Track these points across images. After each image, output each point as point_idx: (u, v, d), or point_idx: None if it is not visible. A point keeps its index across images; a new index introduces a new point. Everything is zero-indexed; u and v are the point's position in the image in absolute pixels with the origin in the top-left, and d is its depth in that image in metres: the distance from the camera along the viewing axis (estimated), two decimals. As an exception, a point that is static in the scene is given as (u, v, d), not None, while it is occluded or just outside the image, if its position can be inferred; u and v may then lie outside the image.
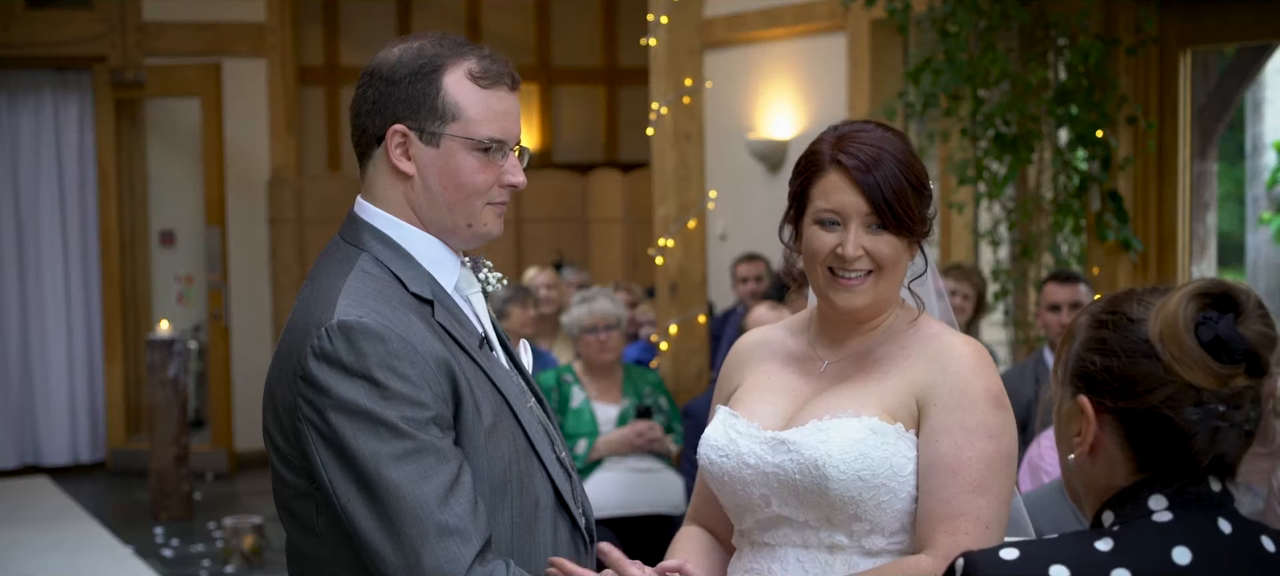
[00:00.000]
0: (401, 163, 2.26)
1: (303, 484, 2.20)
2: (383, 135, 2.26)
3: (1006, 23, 6.33)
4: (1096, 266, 6.45)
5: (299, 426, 2.16)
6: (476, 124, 2.26)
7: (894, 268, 2.37)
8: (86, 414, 10.50)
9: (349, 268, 2.24)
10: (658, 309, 7.17)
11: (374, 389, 2.10)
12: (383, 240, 2.27)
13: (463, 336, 2.25)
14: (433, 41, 2.28)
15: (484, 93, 2.26)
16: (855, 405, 2.33)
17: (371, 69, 2.28)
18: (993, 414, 2.29)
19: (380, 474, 2.09)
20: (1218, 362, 1.64)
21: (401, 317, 2.17)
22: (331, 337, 2.13)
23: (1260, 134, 12.58)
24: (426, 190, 2.27)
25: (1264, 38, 6.81)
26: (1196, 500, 1.68)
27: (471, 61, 2.26)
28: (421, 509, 2.09)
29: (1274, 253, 12.78)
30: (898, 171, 2.34)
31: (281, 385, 2.20)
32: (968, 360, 2.32)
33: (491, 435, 2.21)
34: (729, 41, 9.27)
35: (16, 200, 10.29)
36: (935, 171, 8.07)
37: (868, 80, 8.29)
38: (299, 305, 2.26)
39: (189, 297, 11.10)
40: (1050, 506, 3.48)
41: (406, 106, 2.24)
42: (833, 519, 2.31)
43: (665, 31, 6.76)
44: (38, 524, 8.85)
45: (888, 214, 2.33)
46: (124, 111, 10.60)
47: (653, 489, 5.92)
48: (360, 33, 11.76)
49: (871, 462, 2.28)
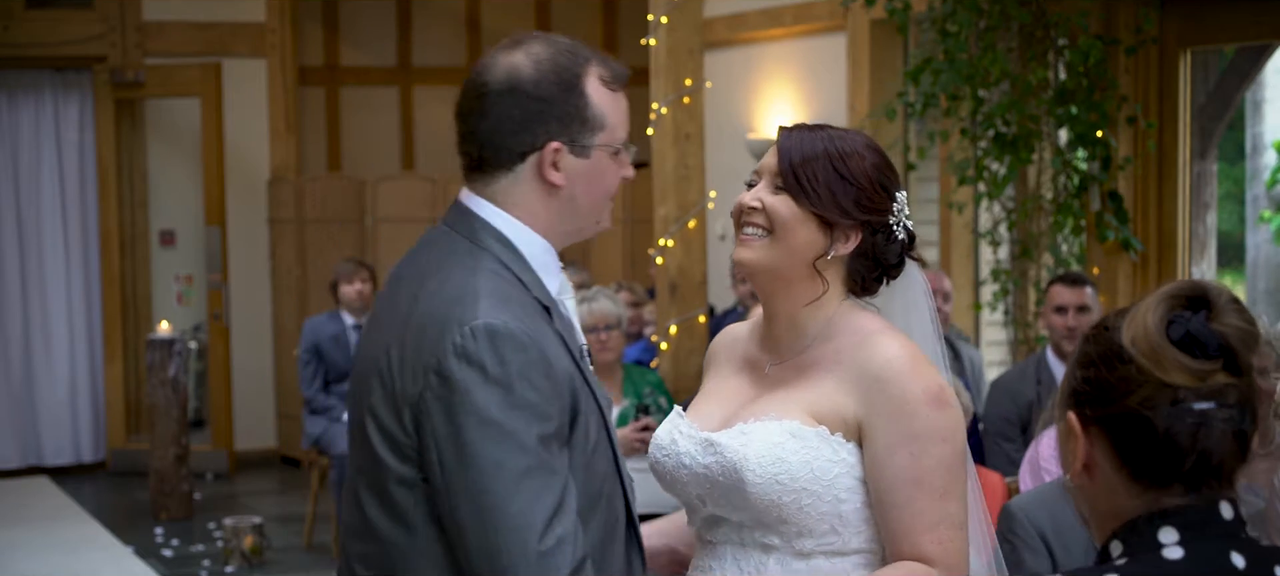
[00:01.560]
0: (553, 176, 2.25)
1: (408, 472, 2.18)
2: (530, 151, 2.25)
3: (1006, 23, 6.33)
4: (1096, 266, 6.45)
5: (422, 419, 2.14)
6: (616, 129, 2.29)
7: (787, 233, 2.33)
8: (87, 414, 10.50)
9: (476, 265, 2.22)
10: (658, 309, 7.17)
11: (508, 397, 2.10)
12: (502, 242, 2.26)
13: (573, 346, 2.26)
14: (559, 51, 2.27)
15: (616, 96, 2.30)
16: (780, 409, 2.32)
17: (507, 84, 2.24)
18: (938, 415, 2.25)
19: (496, 486, 2.09)
20: (1191, 359, 1.62)
21: (538, 327, 2.17)
22: (476, 338, 2.11)
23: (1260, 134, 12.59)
24: (572, 199, 2.28)
25: (1264, 38, 6.82)
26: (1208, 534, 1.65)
27: (599, 67, 2.28)
28: (528, 532, 2.09)
29: (1274, 252, 12.78)
30: (822, 145, 2.34)
31: (406, 374, 2.16)
32: (900, 365, 2.27)
33: (595, 452, 2.24)
34: (729, 41, 9.27)
35: (17, 200, 10.29)
36: (935, 171, 8.07)
37: (868, 80, 8.29)
38: (423, 296, 2.21)
39: (189, 298, 11.10)
40: (1051, 504, 3.48)
41: (560, 123, 2.24)
42: (762, 519, 2.32)
43: (665, 31, 6.76)
44: (38, 524, 8.85)
45: (789, 174, 2.33)
46: (124, 111, 10.60)
47: (652, 488, 5.91)
48: (360, 33, 11.76)
49: (789, 466, 2.27)
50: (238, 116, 10.47)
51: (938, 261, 8.23)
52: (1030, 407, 5.73)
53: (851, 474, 2.30)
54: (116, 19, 10.18)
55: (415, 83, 11.90)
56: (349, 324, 8.24)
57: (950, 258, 8.12)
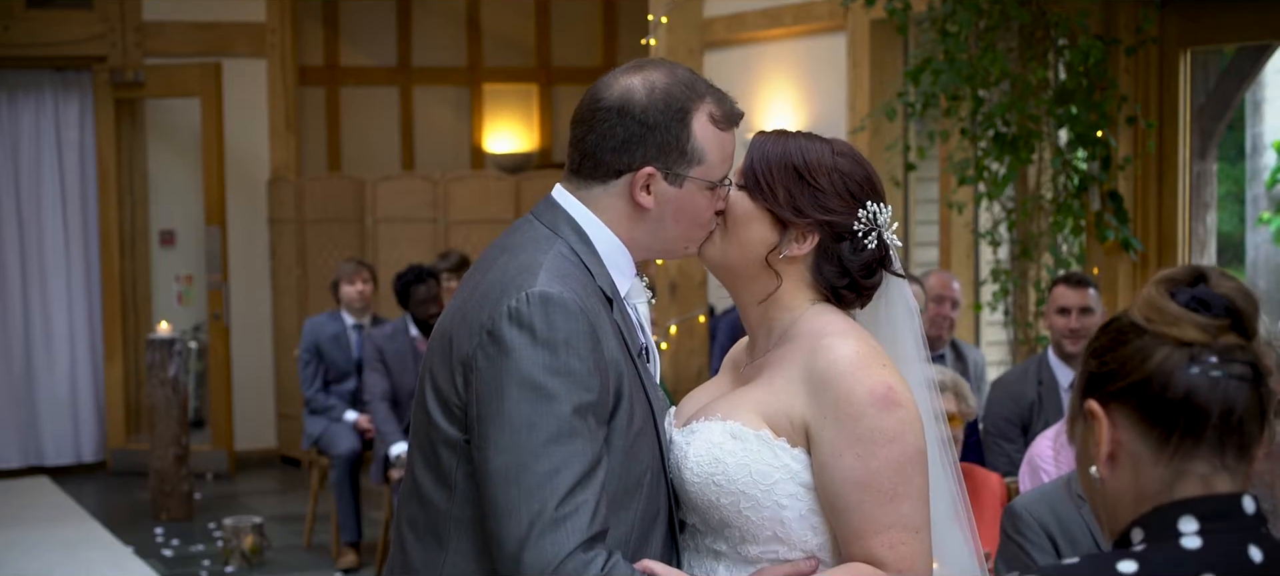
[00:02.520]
0: (643, 198, 2.35)
1: (454, 433, 2.27)
2: (625, 171, 2.34)
3: (1006, 23, 6.33)
4: (1096, 266, 6.45)
5: (470, 376, 2.23)
6: (715, 166, 2.36)
7: (738, 228, 2.37)
8: (87, 414, 10.51)
9: (548, 247, 2.31)
10: (658, 309, 7.17)
11: (553, 359, 2.18)
12: (578, 234, 2.36)
13: (631, 341, 2.34)
14: (677, 82, 2.36)
15: (723, 135, 2.37)
16: (731, 408, 2.32)
17: (619, 104, 2.34)
18: (885, 416, 2.21)
19: (525, 444, 2.16)
20: (1201, 315, 1.66)
21: (594, 305, 2.26)
22: (531, 303, 2.20)
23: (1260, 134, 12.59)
24: (659, 222, 2.37)
25: (1264, 38, 6.81)
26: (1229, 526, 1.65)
27: (712, 105, 2.37)
28: (547, 492, 2.14)
29: (1274, 252, 12.78)
30: (786, 149, 2.37)
31: (463, 335, 2.26)
32: (846, 365, 2.25)
33: (637, 440, 2.28)
34: (729, 41, 9.27)
35: (17, 200, 10.29)
36: (935, 171, 8.07)
37: (868, 80, 8.29)
38: (494, 269, 2.32)
39: (189, 298, 11.10)
40: (1055, 502, 3.49)
41: (658, 150, 2.33)
42: (708, 522, 2.32)
43: (665, 31, 6.76)
44: (38, 524, 8.86)
45: (749, 174, 2.37)
46: (124, 111, 10.60)
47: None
48: (360, 33, 11.76)
49: (725, 467, 2.26)
50: (238, 116, 10.47)
51: (938, 261, 8.23)
52: (1031, 408, 5.73)
53: (794, 479, 2.26)
54: (116, 19, 10.18)
55: (415, 83, 11.90)
56: (349, 324, 8.24)
57: (950, 258, 8.12)
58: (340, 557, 7.78)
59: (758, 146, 2.39)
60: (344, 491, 7.75)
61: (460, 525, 2.27)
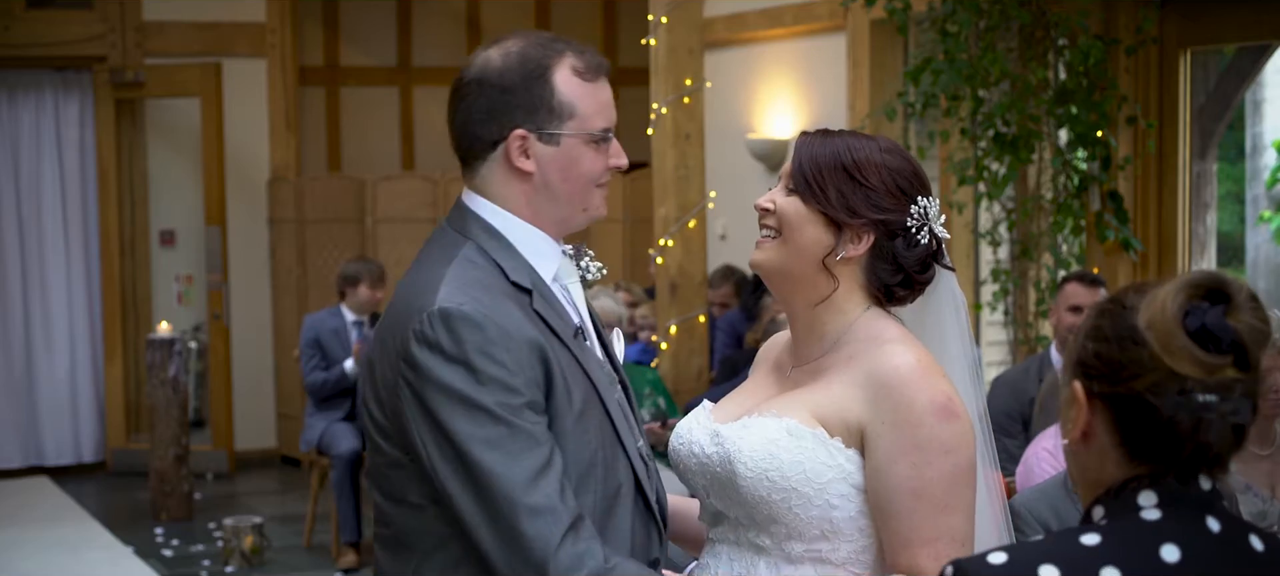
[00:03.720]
0: (522, 163, 2.36)
1: (397, 454, 2.31)
2: (499, 140, 2.36)
3: (1006, 23, 6.33)
4: (1096, 266, 6.45)
5: (399, 404, 2.27)
6: (589, 118, 2.38)
7: (794, 234, 2.35)
8: (87, 414, 10.50)
9: (453, 255, 2.34)
10: (658, 309, 7.17)
11: (470, 374, 2.21)
12: (488, 231, 2.38)
13: (558, 325, 2.34)
14: (531, 44, 2.38)
15: (591, 86, 2.39)
16: (783, 407, 2.32)
17: (477, 78, 2.37)
18: (943, 427, 2.22)
19: (474, 456, 2.20)
20: (1203, 352, 1.63)
21: (500, 305, 2.28)
22: (433, 323, 2.24)
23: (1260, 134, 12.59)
24: (546, 186, 2.38)
25: (1264, 38, 6.82)
26: (1186, 499, 1.68)
27: (573, 58, 2.39)
28: (512, 489, 2.19)
29: (1274, 252, 12.78)
30: (834, 149, 2.35)
31: (383, 363, 2.32)
32: (907, 373, 2.24)
33: (580, 420, 2.31)
34: (729, 41, 9.27)
35: (18, 200, 10.29)
36: (935, 171, 8.07)
37: (868, 80, 8.29)
38: (404, 287, 2.38)
39: (189, 298, 11.09)
40: (1053, 498, 3.52)
41: (524, 111, 2.35)
42: (754, 517, 2.32)
43: (665, 31, 6.76)
44: (38, 524, 8.86)
45: (800, 177, 2.35)
46: (124, 111, 10.60)
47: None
48: (360, 33, 11.76)
49: (780, 463, 2.26)
50: (238, 116, 10.47)
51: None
52: (1032, 404, 5.74)
53: (847, 480, 2.27)
54: (116, 19, 10.17)
55: (415, 83, 11.90)
56: (350, 320, 8.23)
57: (950, 258, 8.12)
58: (340, 557, 7.78)
59: (804, 147, 2.37)
60: (344, 491, 7.75)
61: (424, 538, 2.32)
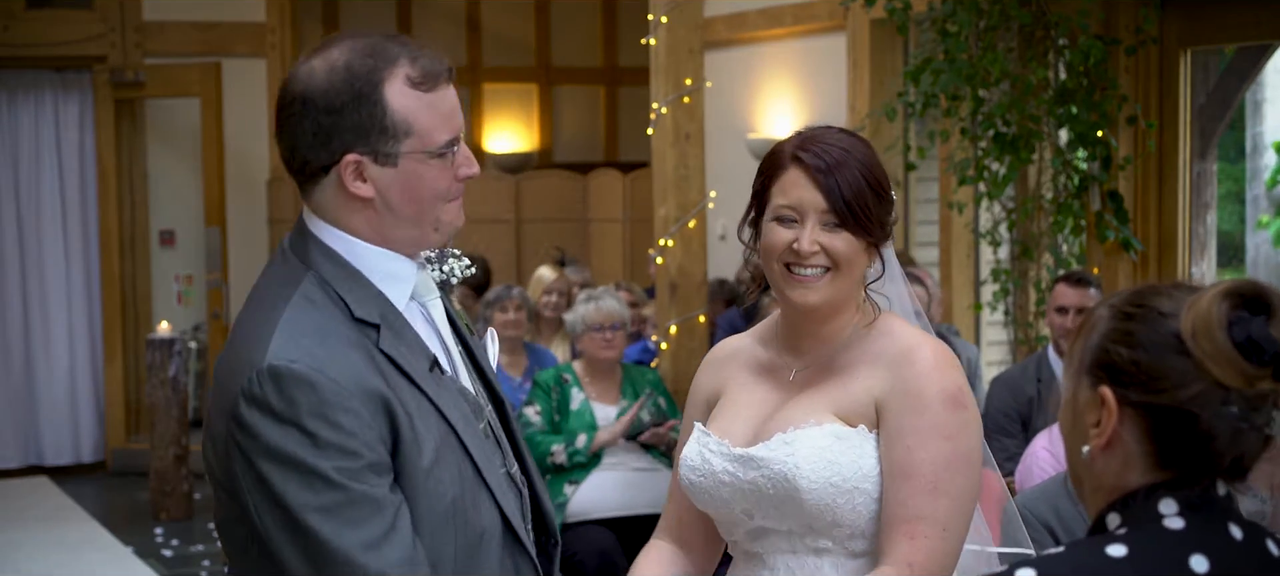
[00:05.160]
0: (358, 188, 2.13)
1: (236, 509, 2.11)
2: (330, 165, 2.14)
3: (1006, 23, 6.33)
4: (1096, 266, 6.45)
5: (231, 465, 2.08)
6: (429, 134, 2.14)
7: (850, 267, 2.35)
8: (87, 414, 10.50)
9: (290, 293, 2.13)
10: (658, 309, 7.17)
11: (305, 438, 2.02)
12: (331, 258, 2.17)
13: (409, 363, 2.14)
14: (358, 54, 2.12)
15: (429, 97, 2.14)
16: (816, 414, 2.33)
17: (300, 95, 2.12)
18: (948, 414, 2.27)
19: (310, 525, 2.02)
20: (1248, 363, 1.60)
21: (337, 355, 2.07)
22: (262, 383, 2.03)
23: (1260, 134, 12.59)
24: (388, 209, 2.15)
25: (1264, 38, 6.82)
26: (1207, 507, 1.66)
27: (406, 66, 2.12)
28: (350, 559, 2.02)
29: (1274, 253, 12.79)
30: (858, 173, 2.33)
31: (216, 415, 2.12)
32: (924, 362, 2.31)
33: (433, 471, 2.12)
34: (729, 41, 9.27)
35: (17, 200, 10.28)
36: (935, 171, 8.08)
37: (868, 80, 8.29)
38: (238, 329, 2.17)
39: (189, 297, 11.09)
40: (1054, 498, 3.52)
41: (354, 134, 2.11)
42: (813, 525, 2.32)
43: (665, 31, 6.76)
44: (38, 524, 8.85)
45: (846, 212, 2.32)
46: (124, 111, 10.60)
47: (653, 489, 5.94)
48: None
49: (840, 468, 2.29)
50: (238, 116, 10.47)
51: (938, 261, 8.23)
52: (1030, 403, 5.75)
53: None
54: (116, 19, 10.17)
55: (415, 83, 11.89)
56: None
57: (950, 258, 8.13)
58: (340, 557, 7.78)
59: (838, 179, 2.32)
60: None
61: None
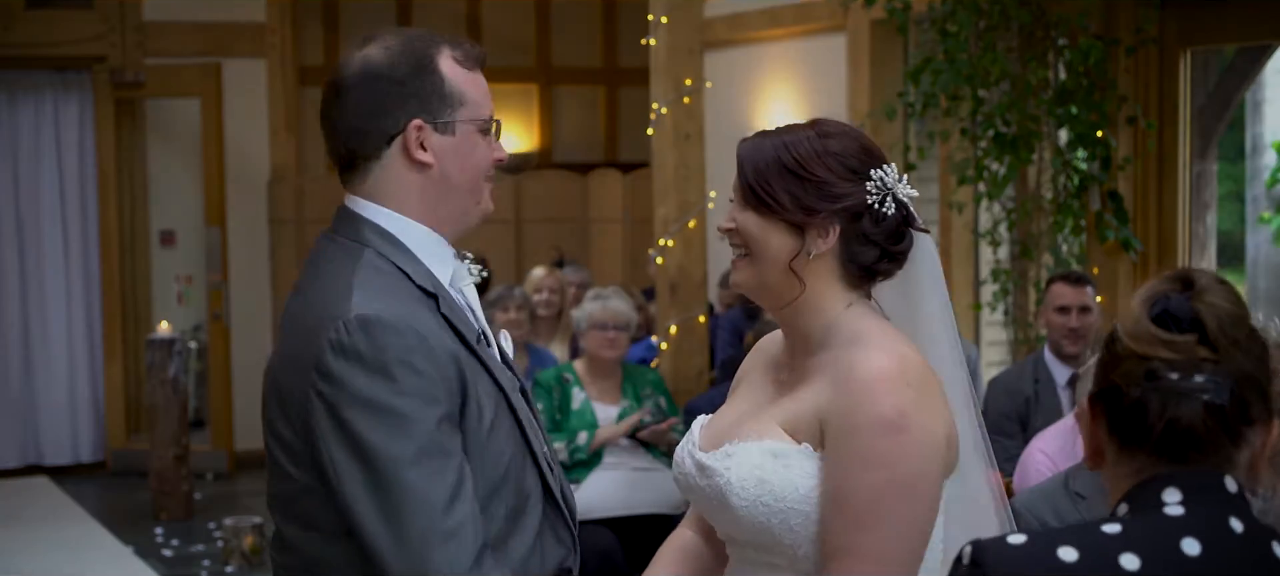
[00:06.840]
0: (420, 154, 2.27)
1: (309, 479, 2.18)
2: (395, 133, 2.27)
3: (1006, 23, 6.34)
4: (1096, 266, 6.45)
5: (309, 419, 2.14)
6: (479, 105, 2.32)
7: (762, 249, 2.28)
8: (87, 414, 10.50)
9: (356, 262, 2.23)
10: (658, 309, 7.17)
11: (391, 383, 2.10)
12: (383, 236, 2.27)
13: (465, 331, 2.24)
14: (410, 37, 2.33)
15: (473, 75, 2.34)
16: (764, 426, 2.24)
17: (361, 71, 2.29)
18: (879, 441, 2.11)
19: (394, 472, 2.09)
20: (1164, 331, 1.70)
21: (415, 311, 2.18)
22: (350, 331, 2.12)
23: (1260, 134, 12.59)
24: (444, 178, 2.29)
25: (1264, 38, 6.82)
26: (1210, 498, 1.70)
27: (451, 48, 2.33)
28: (431, 511, 2.09)
29: (1274, 252, 12.78)
30: (773, 150, 2.27)
31: (291, 378, 2.19)
32: (860, 380, 2.14)
33: (492, 433, 2.21)
34: (729, 41, 9.27)
35: (17, 200, 10.28)
36: (935, 172, 8.07)
37: (868, 80, 8.29)
38: (305, 300, 2.25)
39: (189, 298, 11.10)
40: (1053, 499, 3.53)
41: (418, 101, 2.27)
42: (758, 542, 2.24)
43: (665, 31, 6.76)
44: (38, 524, 8.86)
45: (749, 191, 2.29)
46: (124, 111, 10.60)
47: (653, 488, 5.94)
48: (360, 33, 11.74)
49: (772, 487, 2.18)
50: (238, 116, 10.47)
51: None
52: (1027, 404, 5.75)
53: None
54: (116, 19, 10.17)
55: (415, 83, 11.89)
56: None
57: (950, 258, 8.12)
58: (340, 557, 7.78)
59: (746, 157, 2.29)
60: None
61: (336, 569, 2.20)
